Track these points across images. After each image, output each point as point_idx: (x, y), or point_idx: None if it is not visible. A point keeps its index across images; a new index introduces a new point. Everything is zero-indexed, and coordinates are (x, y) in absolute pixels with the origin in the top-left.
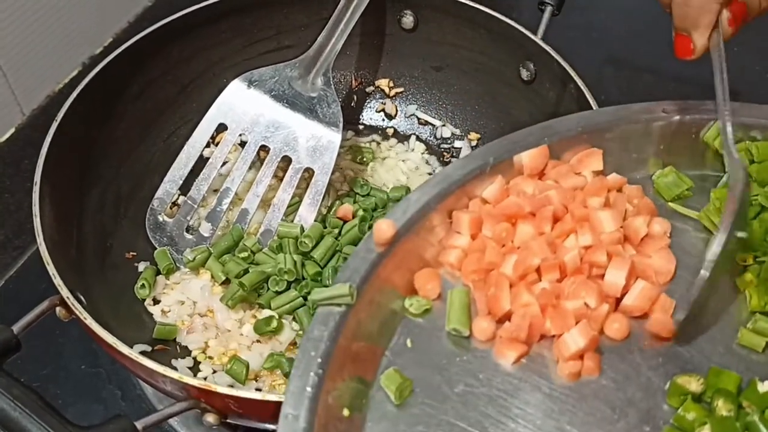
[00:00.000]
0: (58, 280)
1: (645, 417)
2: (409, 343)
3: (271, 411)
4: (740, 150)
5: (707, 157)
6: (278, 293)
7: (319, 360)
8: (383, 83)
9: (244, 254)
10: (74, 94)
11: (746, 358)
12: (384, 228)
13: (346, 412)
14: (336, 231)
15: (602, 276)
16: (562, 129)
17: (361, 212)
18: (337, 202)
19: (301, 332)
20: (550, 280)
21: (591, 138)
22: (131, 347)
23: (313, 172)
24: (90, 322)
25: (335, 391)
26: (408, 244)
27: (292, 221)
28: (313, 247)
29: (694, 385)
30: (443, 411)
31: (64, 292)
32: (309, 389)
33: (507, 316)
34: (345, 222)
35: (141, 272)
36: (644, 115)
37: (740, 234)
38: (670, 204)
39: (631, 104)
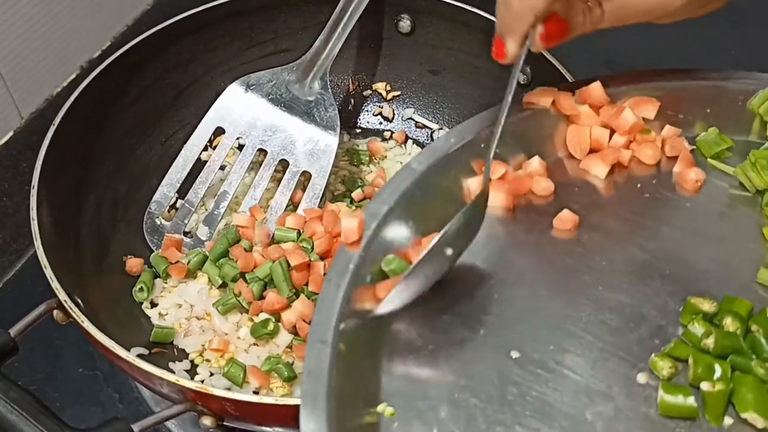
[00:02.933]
0: (55, 284)
1: (656, 332)
2: None
3: (268, 413)
4: None
5: (754, 126)
6: None
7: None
8: (380, 87)
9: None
10: (72, 98)
11: (762, 295)
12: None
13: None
14: None
15: None
16: (612, 84)
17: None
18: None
19: (298, 336)
20: None
21: (639, 96)
22: (128, 350)
23: (311, 175)
24: (87, 325)
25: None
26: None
27: None
28: (311, 250)
29: (707, 305)
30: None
31: (62, 296)
32: (351, 266)
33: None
34: None
35: (139, 275)
36: (692, 79)
37: (447, 250)
38: (709, 160)
39: (680, 68)
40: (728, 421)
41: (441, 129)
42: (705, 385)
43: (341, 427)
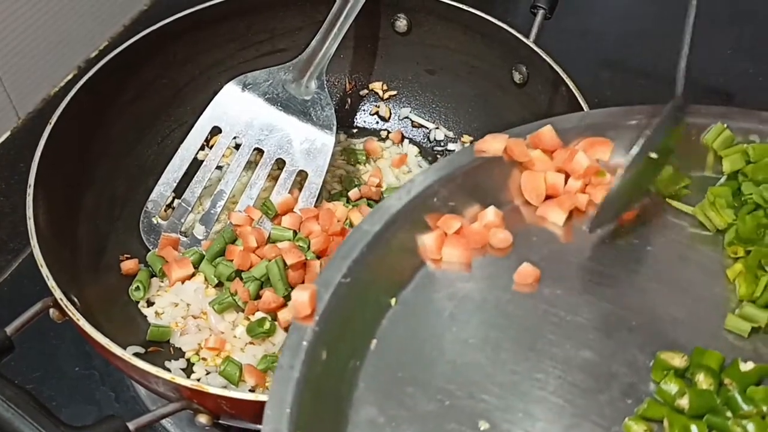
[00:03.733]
0: (51, 282)
1: (628, 390)
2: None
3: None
4: (738, 152)
5: (708, 160)
6: None
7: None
8: (377, 86)
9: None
10: (68, 97)
11: (731, 343)
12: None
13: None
14: None
15: None
16: (566, 125)
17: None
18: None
19: None
20: None
21: (593, 134)
22: (125, 349)
23: (307, 174)
24: (83, 323)
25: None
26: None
27: None
28: (307, 250)
29: (677, 360)
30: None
31: (57, 294)
32: (305, 343)
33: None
34: None
35: (135, 275)
36: (644, 115)
37: (652, 154)
38: (667, 200)
39: (634, 106)
40: None
41: (437, 128)
42: None
43: None
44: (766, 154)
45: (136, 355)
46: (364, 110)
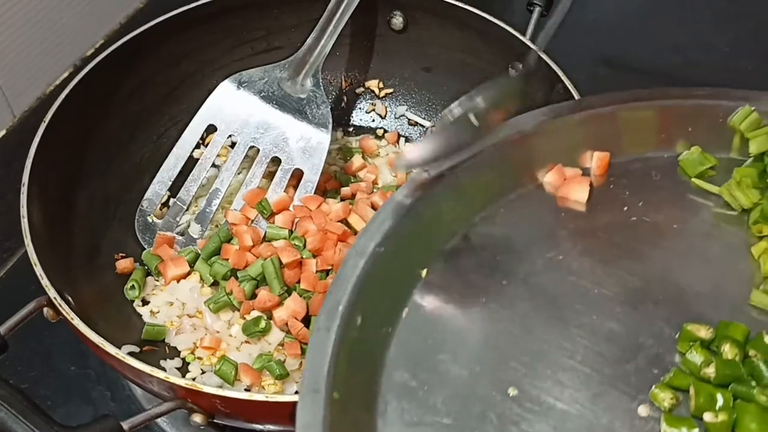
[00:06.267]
0: (45, 281)
1: (654, 361)
2: None
3: (259, 411)
4: (765, 134)
5: (734, 142)
6: None
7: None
8: (373, 84)
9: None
10: (62, 96)
11: (756, 318)
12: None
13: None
14: None
15: None
16: (596, 104)
17: None
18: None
19: (289, 334)
20: None
21: (622, 115)
22: (119, 348)
23: (303, 172)
24: (77, 322)
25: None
26: None
27: None
28: (303, 248)
29: (703, 332)
30: None
31: (51, 293)
32: (341, 308)
33: None
34: None
35: (130, 274)
36: (673, 98)
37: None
38: (693, 180)
39: (664, 88)
40: None
41: (433, 126)
42: (708, 416)
43: None
44: None
45: (131, 354)
46: (360, 108)
